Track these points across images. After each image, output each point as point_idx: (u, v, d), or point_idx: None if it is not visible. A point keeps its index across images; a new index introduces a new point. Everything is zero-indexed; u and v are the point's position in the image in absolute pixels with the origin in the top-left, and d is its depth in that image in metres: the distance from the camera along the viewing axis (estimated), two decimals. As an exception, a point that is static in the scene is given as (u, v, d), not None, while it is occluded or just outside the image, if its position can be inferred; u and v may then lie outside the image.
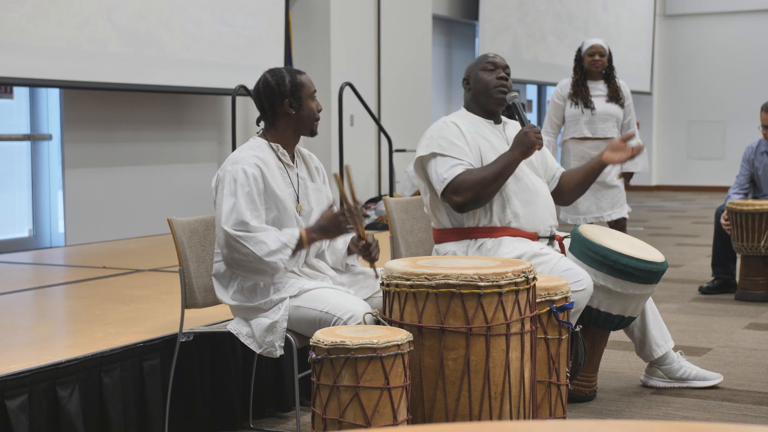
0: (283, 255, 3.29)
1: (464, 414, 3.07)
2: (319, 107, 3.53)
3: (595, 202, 6.29)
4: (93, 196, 7.34)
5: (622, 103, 6.39)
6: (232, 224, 3.29)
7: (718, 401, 4.04)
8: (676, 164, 16.56)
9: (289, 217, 3.43)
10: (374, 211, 8.89)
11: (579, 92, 6.29)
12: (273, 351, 3.34)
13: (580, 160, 6.25)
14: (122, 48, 6.98)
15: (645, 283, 3.85)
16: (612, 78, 6.39)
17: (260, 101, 3.49)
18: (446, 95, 12.60)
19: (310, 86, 3.51)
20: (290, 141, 3.52)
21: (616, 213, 6.35)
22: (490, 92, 3.95)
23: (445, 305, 3.03)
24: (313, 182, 3.60)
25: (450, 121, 3.95)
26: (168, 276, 5.31)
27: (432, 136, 3.91)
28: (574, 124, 6.34)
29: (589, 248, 3.84)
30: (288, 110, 3.46)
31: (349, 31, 9.55)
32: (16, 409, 3.07)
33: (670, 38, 16.50)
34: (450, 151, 3.86)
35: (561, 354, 3.49)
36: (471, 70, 4.02)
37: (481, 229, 3.89)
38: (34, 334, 3.86)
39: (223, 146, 8.45)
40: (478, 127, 3.98)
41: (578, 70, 6.36)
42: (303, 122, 3.49)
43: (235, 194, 3.31)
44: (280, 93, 3.45)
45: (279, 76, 3.47)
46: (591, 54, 6.32)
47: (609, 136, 6.32)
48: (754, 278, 6.16)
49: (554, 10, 12.81)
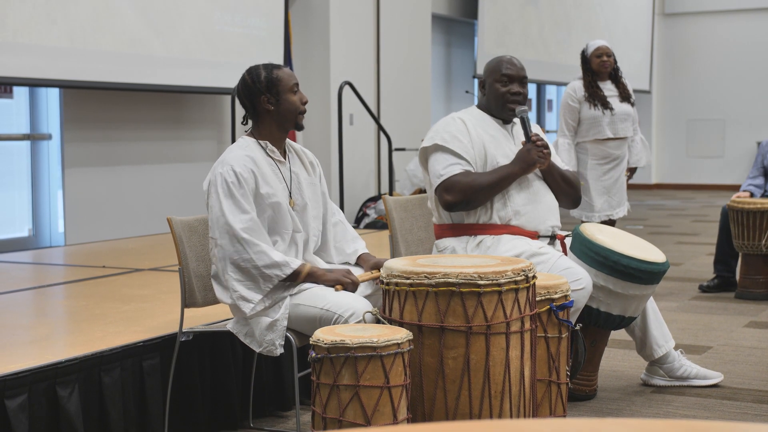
0: (281, 272, 3.30)
1: (464, 413, 3.06)
2: (303, 100, 3.51)
3: (608, 200, 6.32)
4: (93, 195, 7.33)
5: (633, 102, 6.43)
6: (241, 226, 3.29)
7: (719, 400, 4.04)
8: (676, 163, 16.56)
9: (283, 214, 3.43)
10: (374, 210, 8.89)
11: (595, 94, 6.29)
12: (273, 350, 3.34)
13: (601, 160, 6.30)
14: (121, 47, 6.98)
15: (646, 283, 3.84)
16: (619, 78, 6.40)
17: (242, 101, 3.52)
18: (445, 94, 12.60)
19: (289, 80, 3.49)
20: (277, 137, 3.51)
21: (621, 210, 6.41)
22: (502, 105, 4.02)
23: (445, 304, 3.03)
24: (308, 176, 3.59)
25: (458, 117, 4.01)
26: (168, 275, 5.31)
27: (437, 129, 3.98)
28: (595, 126, 6.31)
29: (589, 248, 3.83)
30: (267, 106, 3.46)
31: (349, 30, 9.54)
32: (15, 408, 3.07)
33: (670, 37, 16.50)
34: (452, 144, 3.90)
35: (561, 352, 3.48)
36: (487, 75, 4.05)
37: (481, 225, 3.90)
38: (34, 334, 3.85)
39: (223, 145, 8.44)
40: (486, 125, 4.02)
41: (587, 71, 6.35)
42: (284, 116, 3.48)
43: (231, 195, 3.31)
44: (256, 90, 3.46)
45: (255, 74, 3.48)
46: (599, 55, 6.31)
47: (627, 135, 6.37)
48: (755, 277, 6.16)
49: (553, 9, 12.81)
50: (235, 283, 3.30)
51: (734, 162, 15.92)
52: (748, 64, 15.83)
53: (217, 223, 3.33)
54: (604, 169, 6.29)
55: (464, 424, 1.15)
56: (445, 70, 12.59)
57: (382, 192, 9.70)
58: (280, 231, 3.44)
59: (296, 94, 3.50)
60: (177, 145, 8.11)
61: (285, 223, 3.44)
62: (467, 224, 3.92)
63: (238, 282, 3.31)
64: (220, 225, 3.32)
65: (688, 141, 16.42)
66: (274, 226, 3.42)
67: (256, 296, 3.31)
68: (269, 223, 3.41)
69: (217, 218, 3.33)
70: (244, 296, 3.30)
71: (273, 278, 3.30)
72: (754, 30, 15.82)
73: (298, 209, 3.50)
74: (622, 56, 14.59)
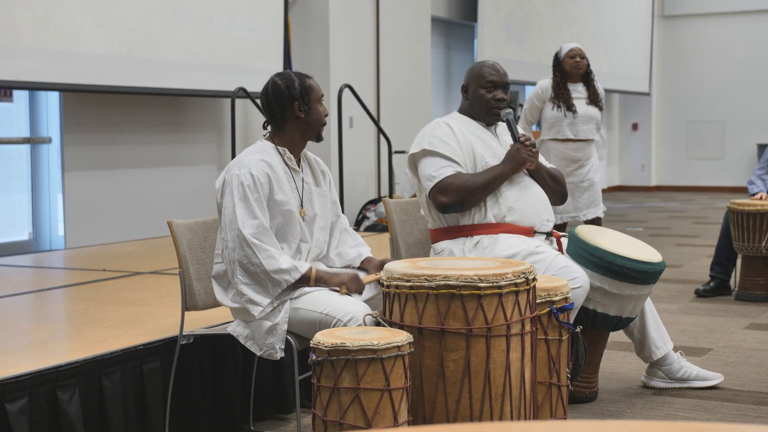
0: (290, 277, 3.31)
1: (465, 415, 3.07)
2: (325, 112, 3.53)
3: (572, 201, 6.35)
4: (93, 198, 7.33)
5: (601, 106, 6.48)
6: (251, 230, 3.29)
7: (719, 401, 4.04)
8: (675, 165, 16.56)
9: (293, 222, 3.43)
10: (374, 213, 8.89)
11: (561, 95, 6.36)
12: (273, 353, 3.34)
13: (561, 160, 6.36)
14: (121, 51, 6.98)
15: (642, 283, 3.85)
16: (591, 80, 6.46)
17: (269, 104, 3.48)
18: (445, 96, 12.61)
19: (318, 90, 3.52)
20: (297, 145, 3.52)
21: (591, 212, 6.41)
22: (487, 111, 4.06)
23: (446, 306, 3.03)
24: (318, 187, 3.60)
25: (442, 122, 4.05)
26: (168, 278, 5.31)
27: (424, 135, 4.01)
28: (556, 126, 6.40)
29: (584, 250, 3.84)
30: (297, 113, 3.46)
31: (349, 33, 9.55)
32: (16, 412, 3.07)
33: (669, 39, 16.51)
34: (440, 148, 3.93)
35: (561, 355, 3.49)
36: (471, 81, 4.09)
37: (477, 226, 3.91)
38: (34, 337, 3.85)
39: (223, 149, 8.45)
40: (471, 128, 4.07)
41: (558, 72, 6.41)
42: (311, 126, 3.50)
43: (246, 199, 3.31)
44: (290, 96, 3.45)
45: (289, 80, 3.47)
46: (572, 56, 6.38)
47: (590, 137, 6.41)
48: (755, 278, 6.17)
49: (552, 11, 12.81)
50: (244, 286, 3.31)
51: (734, 164, 15.92)
52: (748, 66, 15.83)
53: (230, 225, 3.33)
54: (566, 171, 6.29)
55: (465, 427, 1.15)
56: (444, 73, 12.60)
57: (382, 195, 9.70)
58: (288, 239, 3.45)
59: (322, 105, 3.52)
60: (177, 148, 8.11)
61: (293, 232, 3.45)
62: (463, 225, 3.94)
63: (247, 286, 3.31)
64: (232, 228, 3.32)
65: (688, 143, 16.42)
66: (282, 234, 3.43)
67: (265, 300, 3.31)
68: (277, 230, 3.41)
69: (230, 221, 3.33)
70: (252, 299, 3.31)
71: (282, 283, 3.31)
72: (754, 32, 15.83)
73: (308, 220, 3.51)
74: (621, 58, 14.64)
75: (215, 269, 3.47)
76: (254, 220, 3.31)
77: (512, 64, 10.83)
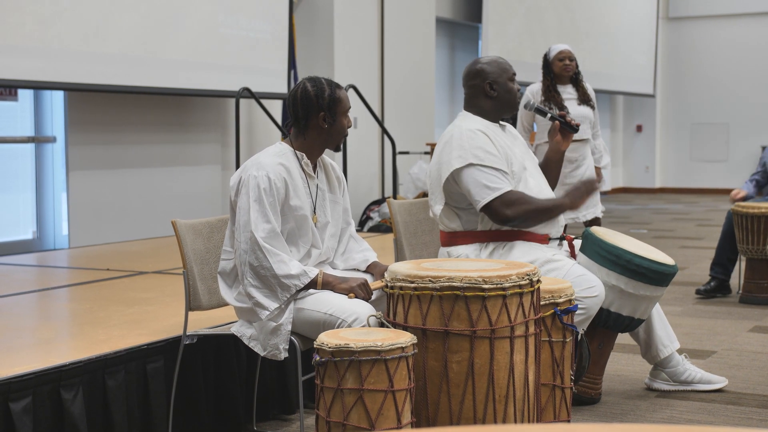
0: (299, 282, 3.32)
1: (468, 417, 3.06)
2: (349, 124, 3.52)
3: None
4: (97, 198, 7.34)
5: (593, 105, 6.47)
6: (263, 234, 3.29)
7: (723, 404, 4.03)
8: (680, 167, 16.56)
9: (306, 228, 3.43)
10: (377, 213, 8.89)
11: (551, 97, 6.35)
12: (277, 354, 3.35)
13: None
14: (126, 50, 6.99)
15: (656, 284, 3.87)
16: (580, 81, 6.45)
17: (295, 108, 3.46)
18: (449, 97, 12.60)
19: (346, 103, 3.50)
20: (315, 152, 3.52)
21: (590, 213, 6.39)
22: (515, 104, 4.07)
23: (450, 308, 3.02)
24: (331, 193, 3.59)
25: (476, 129, 3.90)
26: (172, 278, 5.31)
27: (464, 147, 3.85)
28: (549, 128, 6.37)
29: (602, 248, 3.86)
30: (321, 123, 3.45)
31: (353, 33, 9.55)
32: (20, 411, 3.07)
33: (674, 41, 16.50)
34: (487, 161, 3.82)
35: (565, 357, 3.48)
36: (499, 76, 4.01)
37: (494, 232, 3.88)
38: (38, 337, 3.86)
39: (227, 149, 8.45)
40: (495, 132, 3.97)
41: (547, 75, 6.41)
42: (333, 137, 3.49)
43: (261, 201, 3.31)
44: (317, 105, 3.43)
45: (319, 88, 3.45)
46: (561, 59, 6.37)
47: (584, 137, 6.39)
48: (759, 281, 6.16)
49: (557, 12, 12.81)
50: (253, 289, 3.31)
51: (738, 166, 15.90)
52: (752, 68, 15.82)
53: (244, 227, 3.32)
54: (564, 172, 6.27)
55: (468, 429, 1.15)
56: (449, 74, 12.59)
57: (386, 195, 9.70)
58: (298, 243, 3.45)
59: (347, 117, 3.51)
60: (181, 148, 8.12)
61: (305, 237, 3.45)
62: (480, 231, 3.89)
63: (256, 289, 3.31)
64: (246, 229, 3.32)
65: (692, 145, 16.41)
66: (293, 238, 3.43)
67: (273, 304, 3.31)
68: (288, 234, 3.41)
69: (244, 222, 3.32)
70: (260, 303, 3.31)
71: (291, 288, 3.31)
72: (758, 34, 15.82)
73: (320, 226, 3.51)
74: (626, 60, 14.63)
75: (222, 265, 3.47)
76: (267, 224, 3.31)
77: (517, 65, 10.79)
